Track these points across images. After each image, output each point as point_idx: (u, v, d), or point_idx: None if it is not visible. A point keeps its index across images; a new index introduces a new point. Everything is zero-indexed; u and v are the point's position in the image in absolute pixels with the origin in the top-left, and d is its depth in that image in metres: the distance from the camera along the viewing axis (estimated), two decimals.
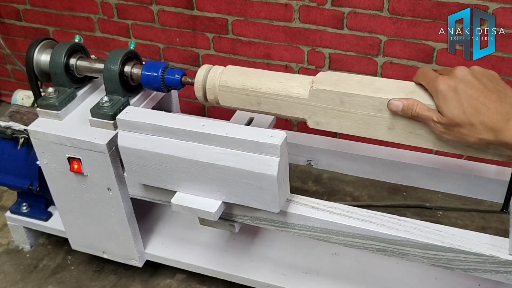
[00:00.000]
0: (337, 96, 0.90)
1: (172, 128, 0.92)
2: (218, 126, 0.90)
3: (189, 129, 0.91)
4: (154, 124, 0.93)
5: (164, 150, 0.94)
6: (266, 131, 0.87)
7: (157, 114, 0.97)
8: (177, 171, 0.96)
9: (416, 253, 0.92)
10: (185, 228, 1.32)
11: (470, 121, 0.76)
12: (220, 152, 0.90)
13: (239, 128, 0.90)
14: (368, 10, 1.36)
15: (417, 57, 1.39)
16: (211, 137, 0.90)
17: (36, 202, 1.37)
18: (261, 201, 0.93)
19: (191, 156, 0.92)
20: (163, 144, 0.94)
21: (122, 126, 0.97)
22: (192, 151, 0.92)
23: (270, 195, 0.90)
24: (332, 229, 0.95)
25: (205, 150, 0.91)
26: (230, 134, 0.88)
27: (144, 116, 0.96)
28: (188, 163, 0.93)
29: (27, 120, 1.22)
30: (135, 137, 0.96)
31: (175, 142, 0.93)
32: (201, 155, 0.91)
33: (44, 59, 1.11)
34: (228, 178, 0.92)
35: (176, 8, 1.58)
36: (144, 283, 1.33)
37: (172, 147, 0.93)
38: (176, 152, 0.93)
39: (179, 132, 0.92)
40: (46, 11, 1.77)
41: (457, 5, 1.27)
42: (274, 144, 0.84)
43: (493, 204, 1.11)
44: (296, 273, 1.19)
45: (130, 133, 0.96)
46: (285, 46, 1.52)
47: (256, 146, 0.86)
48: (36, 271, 1.39)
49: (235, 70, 1.01)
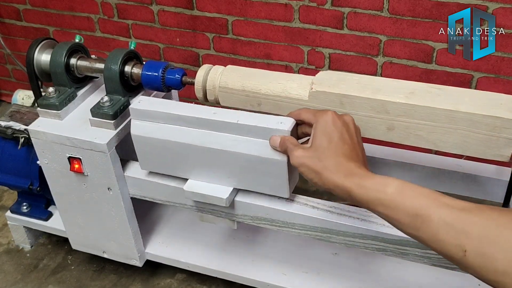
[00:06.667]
0: (336, 98, 0.90)
1: (184, 116, 0.93)
2: (229, 114, 0.91)
3: (201, 117, 0.92)
4: (167, 112, 0.94)
5: (176, 138, 0.95)
6: (276, 118, 0.87)
7: (169, 103, 0.98)
8: (189, 159, 0.97)
9: (416, 253, 0.92)
10: (185, 228, 1.32)
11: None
12: (231, 139, 0.91)
13: (250, 115, 0.90)
14: (368, 10, 1.37)
15: (417, 57, 1.39)
16: (223, 124, 0.91)
17: (37, 202, 1.37)
18: (271, 187, 0.94)
19: (202, 143, 0.93)
20: (175, 132, 0.95)
21: (135, 115, 0.98)
22: (203, 138, 0.93)
23: (280, 180, 0.91)
24: (332, 229, 0.96)
25: (217, 137, 0.92)
26: (241, 121, 0.89)
27: (156, 105, 0.96)
28: (200, 150, 0.94)
29: (28, 120, 1.22)
30: (148, 125, 0.97)
31: (187, 130, 0.94)
32: (212, 142, 0.93)
33: (45, 59, 1.11)
34: (239, 164, 0.93)
35: (176, 8, 1.58)
36: (144, 283, 1.33)
37: (184, 134, 0.94)
38: (188, 140, 0.94)
39: (191, 120, 0.93)
40: (47, 11, 1.77)
41: (457, 5, 1.27)
42: (283, 130, 0.84)
43: (493, 204, 1.11)
44: (296, 273, 1.19)
45: (143, 121, 0.97)
46: (285, 46, 1.52)
47: (266, 132, 0.87)
48: (36, 271, 1.39)
49: (235, 71, 1.01)
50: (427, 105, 0.85)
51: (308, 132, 0.83)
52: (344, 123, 0.75)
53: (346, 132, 0.74)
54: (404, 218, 0.61)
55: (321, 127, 0.74)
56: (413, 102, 0.86)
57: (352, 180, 0.67)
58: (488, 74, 1.34)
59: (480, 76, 1.35)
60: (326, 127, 0.74)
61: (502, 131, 0.83)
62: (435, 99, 0.86)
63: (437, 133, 0.87)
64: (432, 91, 0.88)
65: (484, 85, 1.36)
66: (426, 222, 0.58)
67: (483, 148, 0.86)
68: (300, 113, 0.83)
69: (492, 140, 0.84)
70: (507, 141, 0.84)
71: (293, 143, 0.80)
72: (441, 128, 0.86)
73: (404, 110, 0.87)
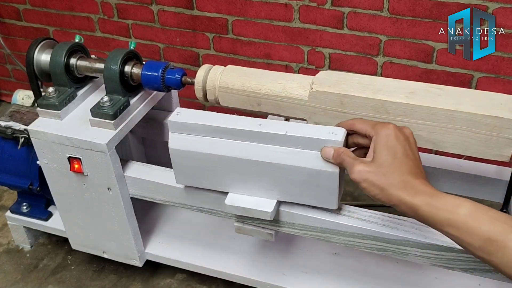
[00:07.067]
0: (337, 98, 0.90)
1: (227, 129, 0.89)
2: (276, 125, 0.88)
3: (247, 129, 0.88)
4: (208, 125, 0.91)
5: (218, 151, 0.92)
6: (326, 128, 0.85)
7: (209, 114, 0.94)
8: (230, 172, 0.94)
9: (416, 253, 0.92)
10: (185, 228, 1.32)
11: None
12: (278, 151, 0.88)
13: (298, 126, 0.87)
14: (368, 10, 1.37)
15: (417, 57, 1.39)
16: (270, 136, 0.87)
17: (36, 202, 1.37)
18: (319, 199, 0.91)
19: (247, 156, 0.90)
20: (217, 145, 0.91)
21: (173, 128, 0.94)
22: (248, 151, 0.90)
23: (329, 192, 0.89)
24: (332, 229, 0.96)
25: (262, 149, 0.89)
26: (289, 132, 0.86)
27: (197, 117, 0.92)
28: (243, 163, 0.91)
29: (27, 120, 1.22)
30: (187, 139, 0.93)
31: (230, 143, 0.90)
32: (257, 155, 0.89)
33: (45, 59, 1.11)
34: (285, 176, 0.90)
35: (176, 8, 1.58)
36: (144, 283, 1.33)
37: (227, 147, 0.91)
38: (231, 153, 0.91)
39: (235, 132, 0.89)
40: (46, 11, 1.77)
41: (457, 5, 1.27)
42: (336, 141, 0.82)
43: (493, 204, 1.11)
44: (296, 273, 1.19)
45: (182, 135, 0.94)
46: (285, 46, 1.52)
47: (317, 143, 0.84)
48: (36, 271, 1.39)
49: (235, 71, 1.01)
50: (427, 105, 0.85)
51: (360, 142, 0.82)
52: (406, 137, 0.74)
53: (408, 147, 0.73)
54: (476, 241, 0.61)
55: (383, 141, 0.73)
56: (413, 102, 0.86)
57: (421, 198, 0.66)
58: (488, 74, 1.34)
59: (480, 76, 1.35)
60: (388, 141, 0.73)
61: (502, 131, 0.83)
62: (435, 99, 0.86)
63: (437, 133, 0.87)
64: (432, 91, 0.88)
65: (484, 85, 1.36)
66: (501, 249, 0.58)
67: (483, 148, 0.86)
68: (354, 123, 0.81)
69: (492, 140, 0.84)
70: (507, 141, 0.84)
71: (351, 156, 0.77)
72: (441, 128, 0.86)
73: (404, 110, 0.87)
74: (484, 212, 0.62)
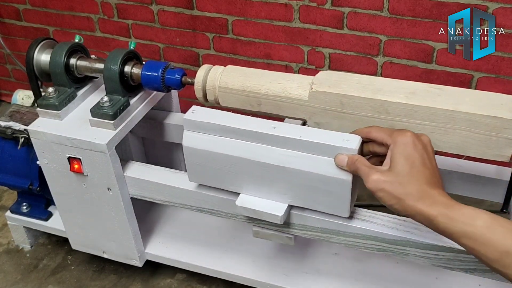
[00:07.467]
0: (336, 98, 0.90)
1: (241, 130, 0.89)
2: (290, 129, 0.88)
3: (260, 131, 0.88)
4: (223, 125, 0.90)
5: (232, 152, 0.91)
6: (341, 134, 0.84)
7: (224, 114, 0.93)
8: (242, 173, 0.93)
9: (416, 253, 0.92)
10: (185, 228, 1.32)
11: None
12: (291, 155, 0.87)
13: (313, 131, 0.87)
14: (368, 10, 1.36)
15: (417, 57, 1.39)
16: (283, 140, 0.87)
17: (36, 202, 1.37)
18: (330, 206, 0.90)
19: (259, 158, 0.90)
20: (231, 145, 0.91)
21: (188, 126, 0.94)
22: (261, 153, 0.89)
23: (341, 200, 0.88)
24: (332, 229, 0.96)
25: (276, 152, 0.88)
26: (304, 137, 0.85)
27: (212, 116, 0.92)
28: (256, 165, 0.91)
29: (27, 120, 1.22)
30: (201, 137, 0.93)
31: (244, 144, 0.90)
32: (270, 158, 0.89)
33: (44, 59, 1.11)
34: (298, 181, 0.89)
35: (176, 8, 1.58)
36: (144, 283, 1.33)
37: (240, 148, 0.91)
38: (244, 154, 0.91)
39: (249, 133, 0.89)
40: (46, 11, 1.77)
41: (457, 5, 1.27)
42: (350, 148, 0.81)
43: (493, 204, 1.11)
44: (296, 273, 1.19)
45: (196, 133, 0.93)
46: (285, 46, 1.52)
47: (331, 150, 0.83)
48: (36, 271, 1.39)
49: (235, 71, 1.01)
50: (427, 105, 0.85)
51: (377, 151, 0.81)
52: (424, 146, 0.74)
53: (426, 156, 0.73)
54: (493, 254, 0.61)
55: (401, 150, 0.72)
56: (413, 102, 0.86)
57: (438, 209, 0.66)
58: (488, 74, 1.34)
59: (480, 76, 1.35)
60: (406, 150, 0.72)
61: (502, 131, 0.83)
62: (435, 99, 0.86)
63: (437, 133, 0.87)
64: (432, 91, 0.88)
65: (484, 85, 1.36)
66: None
67: (483, 148, 0.86)
68: (371, 131, 0.80)
69: (492, 140, 0.84)
70: (507, 141, 0.84)
71: (367, 165, 0.76)
72: (441, 128, 0.86)
73: (404, 110, 0.87)
74: (502, 224, 0.61)
